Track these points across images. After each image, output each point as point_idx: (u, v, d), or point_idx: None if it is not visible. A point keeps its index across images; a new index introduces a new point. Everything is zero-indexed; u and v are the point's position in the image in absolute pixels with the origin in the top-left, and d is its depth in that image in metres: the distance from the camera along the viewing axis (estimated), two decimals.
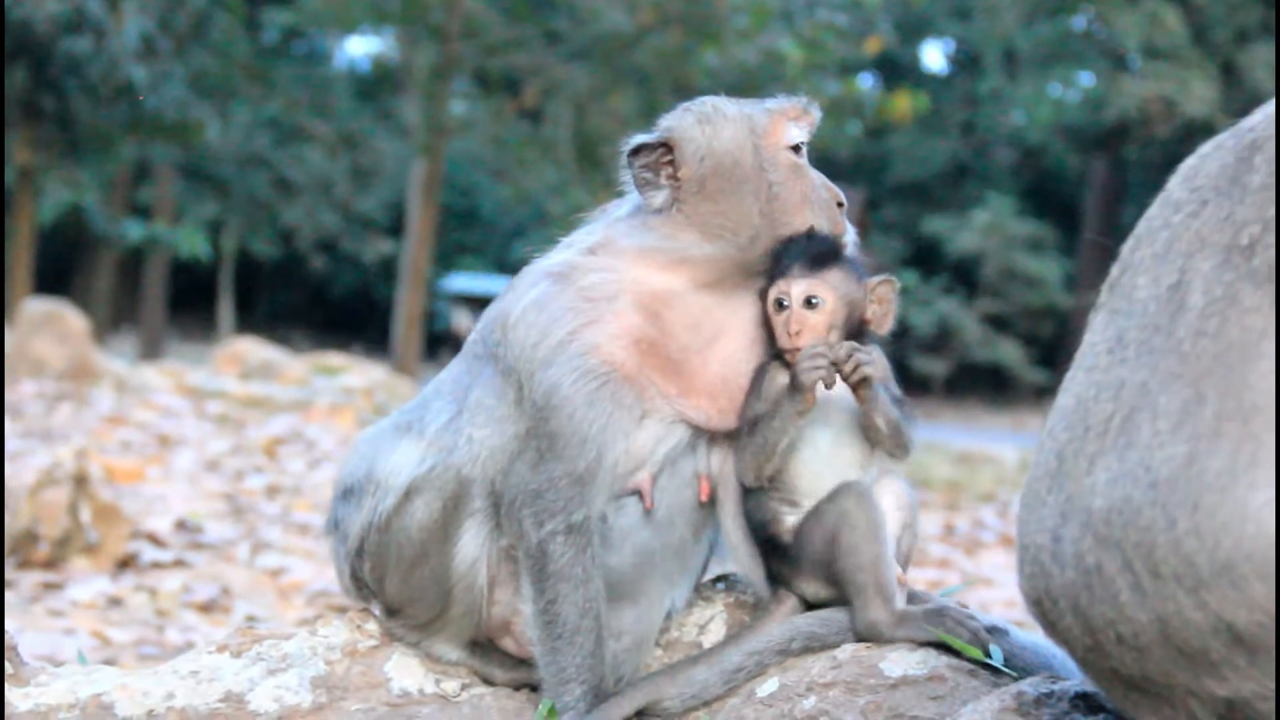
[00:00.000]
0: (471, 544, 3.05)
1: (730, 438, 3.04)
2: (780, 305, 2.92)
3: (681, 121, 3.04)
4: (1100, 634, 1.99)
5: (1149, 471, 1.92)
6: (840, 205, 3.04)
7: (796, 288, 2.90)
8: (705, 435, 3.04)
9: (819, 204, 3.02)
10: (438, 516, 3.04)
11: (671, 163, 3.02)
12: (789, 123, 3.04)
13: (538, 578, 2.95)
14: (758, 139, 3.01)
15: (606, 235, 3.07)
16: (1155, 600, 1.89)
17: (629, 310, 2.95)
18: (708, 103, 3.07)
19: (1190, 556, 1.85)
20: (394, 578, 3.11)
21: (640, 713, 2.94)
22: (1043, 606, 2.10)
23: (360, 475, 3.17)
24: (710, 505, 3.11)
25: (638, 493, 3.01)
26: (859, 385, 2.86)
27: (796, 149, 3.03)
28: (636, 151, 3.03)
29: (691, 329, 2.98)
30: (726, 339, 3.01)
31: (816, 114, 3.09)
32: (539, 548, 2.94)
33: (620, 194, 3.19)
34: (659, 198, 3.02)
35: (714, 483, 3.09)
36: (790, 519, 2.94)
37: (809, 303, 2.91)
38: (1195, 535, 1.84)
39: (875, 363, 2.87)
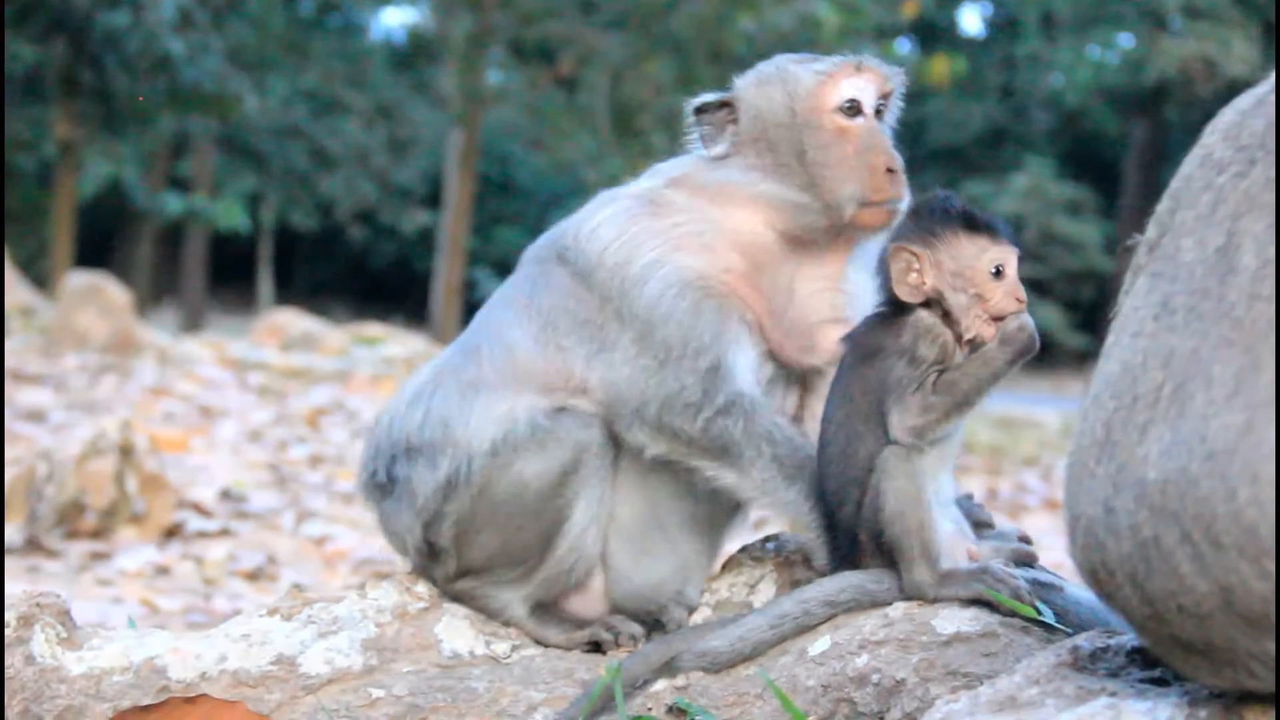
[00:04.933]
0: (587, 505, 3.08)
1: (804, 378, 3.14)
2: (999, 273, 2.90)
3: (746, 81, 3.19)
4: (1159, 604, 1.98)
5: (1205, 442, 1.89)
6: (890, 171, 3.08)
7: (1013, 257, 2.92)
8: (784, 374, 3.13)
9: (860, 169, 3.07)
10: (553, 477, 3.04)
11: (734, 120, 3.15)
12: (837, 83, 3.10)
13: (721, 458, 3.00)
14: (801, 102, 3.10)
15: (684, 172, 3.18)
16: (1217, 570, 1.87)
17: (724, 249, 3.06)
18: (774, 63, 3.19)
19: (1252, 526, 1.82)
20: (488, 538, 3.09)
21: (683, 668, 2.92)
22: (1098, 577, 2.09)
23: (432, 435, 3.10)
24: None
25: None
26: None
27: (849, 109, 3.09)
28: (702, 109, 3.18)
29: (774, 272, 3.08)
30: (803, 284, 3.10)
31: (878, 69, 3.14)
32: (704, 436, 2.98)
33: (656, 160, 3.32)
34: (719, 148, 3.15)
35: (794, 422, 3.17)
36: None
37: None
38: (1256, 505, 1.82)
39: None
